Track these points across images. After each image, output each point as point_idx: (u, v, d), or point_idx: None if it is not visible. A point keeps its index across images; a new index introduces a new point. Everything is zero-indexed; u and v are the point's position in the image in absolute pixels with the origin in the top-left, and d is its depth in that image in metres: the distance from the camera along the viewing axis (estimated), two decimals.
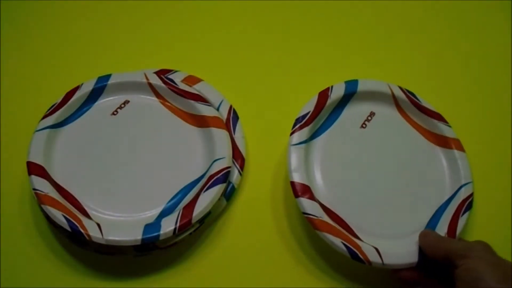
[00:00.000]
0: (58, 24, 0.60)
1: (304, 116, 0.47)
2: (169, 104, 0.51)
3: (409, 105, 0.50)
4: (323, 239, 0.43)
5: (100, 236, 0.41)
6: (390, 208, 0.46)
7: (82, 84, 0.50)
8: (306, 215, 0.43)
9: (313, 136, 0.48)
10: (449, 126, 0.50)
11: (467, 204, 0.46)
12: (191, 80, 0.53)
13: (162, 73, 0.53)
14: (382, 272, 0.45)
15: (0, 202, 0.48)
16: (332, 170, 0.47)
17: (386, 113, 0.50)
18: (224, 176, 0.45)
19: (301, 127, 0.47)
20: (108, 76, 0.51)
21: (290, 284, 0.45)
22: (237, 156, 0.48)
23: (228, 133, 0.48)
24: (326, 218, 0.43)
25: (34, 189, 0.44)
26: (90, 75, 0.51)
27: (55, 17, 0.61)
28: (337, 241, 0.42)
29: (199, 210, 0.43)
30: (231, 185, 0.47)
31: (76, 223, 0.42)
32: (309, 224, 0.43)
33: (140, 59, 0.57)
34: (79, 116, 0.50)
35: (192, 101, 0.50)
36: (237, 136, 0.50)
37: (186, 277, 0.45)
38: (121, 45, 0.59)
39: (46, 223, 0.47)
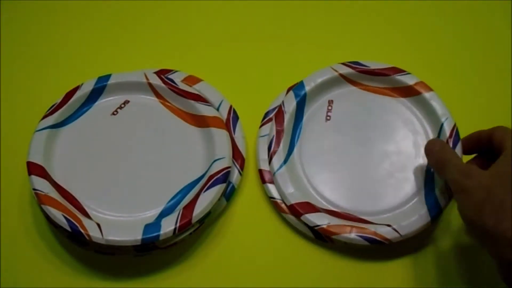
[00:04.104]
0: (58, 24, 0.60)
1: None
2: (169, 104, 0.51)
3: (358, 74, 0.51)
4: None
5: (100, 236, 0.41)
6: (383, 183, 0.46)
7: (82, 84, 0.50)
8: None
9: (289, 151, 0.49)
10: (408, 73, 0.50)
11: (455, 135, 0.46)
12: (191, 80, 0.53)
13: (162, 73, 0.53)
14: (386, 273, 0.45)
15: (0, 202, 0.48)
16: (317, 167, 0.48)
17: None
18: (224, 176, 0.45)
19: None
20: (108, 76, 0.51)
21: (290, 284, 0.45)
22: (237, 156, 0.48)
23: (228, 133, 0.48)
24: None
25: (34, 189, 0.44)
26: (90, 75, 0.51)
27: (55, 17, 0.61)
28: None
29: (199, 210, 0.43)
30: (231, 185, 0.47)
31: (76, 223, 0.42)
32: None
33: (140, 59, 0.57)
34: (79, 116, 0.50)
35: (192, 101, 0.50)
36: (237, 136, 0.50)
37: (186, 277, 0.45)
38: (121, 45, 0.59)
39: (46, 223, 0.47)
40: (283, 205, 0.46)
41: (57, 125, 0.48)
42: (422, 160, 0.47)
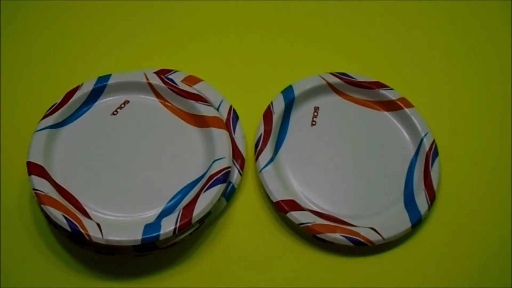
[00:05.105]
0: (58, 24, 0.60)
1: (258, 139, 0.49)
2: (169, 104, 0.51)
3: (345, 85, 0.52)
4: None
5: (100, 236, 0.41)
6: (365, 189, 0.48)
7: (82, 84, 0.50)
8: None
9: (275, 150, 0.49)
10: (391, 89, 0.52)
11: (433, 150, 0.49)
12: (191, 80, 0.53)
13: (162, 73, 0.53)
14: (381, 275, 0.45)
15: (0, 202, 0.48)
16: (303, 168, 0.49)
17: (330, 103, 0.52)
18: (224, 176, 0.45)
19: (261, 149, 0.48)
20: (108, 76, 0.51)
21: (290, 284, 0.45)
22: (237, 156, 0.48)
23: (228, 133, 0.48)
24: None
25: (34, 189, 0.44)
26: (90, 75, 0.51)
27: (55, 17, 0.61)
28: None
29: (199, 210, 0.43)
30: (231, 185, 0.47)
31: (76, 223, 0.42)
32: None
33: (140, 59, 0.57)
34: (79, 116, 0.50)
35: (192, 101, 0.50)
36: (237, 136, 0.50)
37: (186, 277, 0.45)
38: (121, 45, 0.59)
39: (46, 223, 0.47)
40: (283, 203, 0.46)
41: (57, 125, 0.48)
42: (403, 167, 0.49)
